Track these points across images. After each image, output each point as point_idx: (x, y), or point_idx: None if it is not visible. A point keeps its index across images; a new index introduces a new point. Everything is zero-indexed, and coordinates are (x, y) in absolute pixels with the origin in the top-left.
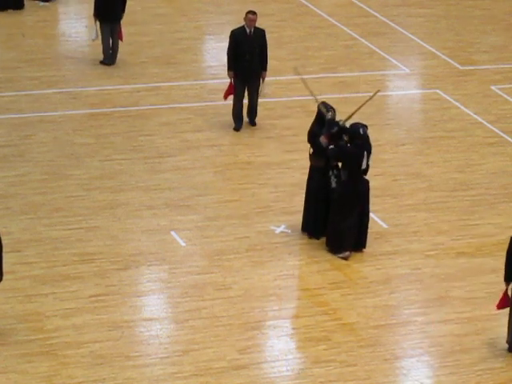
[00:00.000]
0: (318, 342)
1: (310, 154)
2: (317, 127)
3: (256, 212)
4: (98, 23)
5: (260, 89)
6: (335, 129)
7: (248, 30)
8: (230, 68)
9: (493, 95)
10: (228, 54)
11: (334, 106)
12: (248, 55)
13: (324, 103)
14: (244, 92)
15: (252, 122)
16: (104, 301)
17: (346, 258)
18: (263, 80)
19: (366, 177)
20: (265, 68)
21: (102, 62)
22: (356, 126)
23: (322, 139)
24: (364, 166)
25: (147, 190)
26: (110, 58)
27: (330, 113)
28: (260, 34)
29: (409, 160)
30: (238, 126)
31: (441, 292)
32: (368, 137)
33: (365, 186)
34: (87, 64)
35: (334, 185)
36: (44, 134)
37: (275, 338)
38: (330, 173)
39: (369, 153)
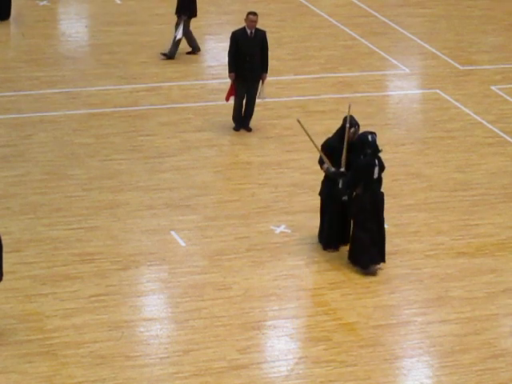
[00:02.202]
0: (318, 342)
1: (321, 165)
2: (334, 141)
3: (256, 212)
4: (182, 21)
5: (259, 91)
6: (340, 182)
7: (249, 32)
8: (231, 70)
9: (493, 95)
10: (229, 55)
11: (334, 107)
12: (248, 57)
13: (349, 118)
14: (245, 94)
15: (246, 127)
16: (104, 301)
17: (374, 273)
18: (263, 82)
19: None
20: (265, 70)
21: (191, 53)
22: (364, 135)
23: (325, 167)
24: (376, 175)
25: (147, 190)
26: (197, 45)
27: (353, 129)
28: (261, 36)
29: (409, 160)
30: (237, 126)
31: (441, 292)
32: (377, 144)
33: (379, 197)
34: (87, 64)
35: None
36: (44, 134)
37: (275, 338)
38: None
39: (379, 161)
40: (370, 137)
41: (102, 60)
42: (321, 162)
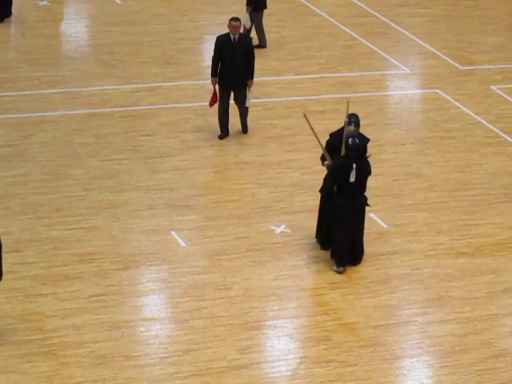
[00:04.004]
0: (318, 342)
1: (323, 161)
2: (336, 140)
3: (256, 212)
4: (249, 12)
5: (247, 98)
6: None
7: (232, 37)
8: (213, 74)
9: (493, 95)
10: (212, 60)
11: (334, 107)
12: (230, 63)
13: (348, 115)
14: (228, 101)
15: (244, 130)
16: (104, 301)
17: (340, 273)
18: (249, 88)
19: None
20: (251, 76)
21: (258, 46)
22: (347, 137)
23: (326, 164)
24: (352, 178)
25: (147, 190)
26: (265, 40)
27: (350, 127)
28: (245, 42)
29: (409, 160)
30: (222, 134)
31: (441, 292)
32: (358, 149)
33: (357, 202)
34: (87, 64)
35: None
36: (44, 133)
37: (275, 338)
38: None
39: (359, 166)
40: (350, 140)
41: (102, 60)
42: (323, 159)
